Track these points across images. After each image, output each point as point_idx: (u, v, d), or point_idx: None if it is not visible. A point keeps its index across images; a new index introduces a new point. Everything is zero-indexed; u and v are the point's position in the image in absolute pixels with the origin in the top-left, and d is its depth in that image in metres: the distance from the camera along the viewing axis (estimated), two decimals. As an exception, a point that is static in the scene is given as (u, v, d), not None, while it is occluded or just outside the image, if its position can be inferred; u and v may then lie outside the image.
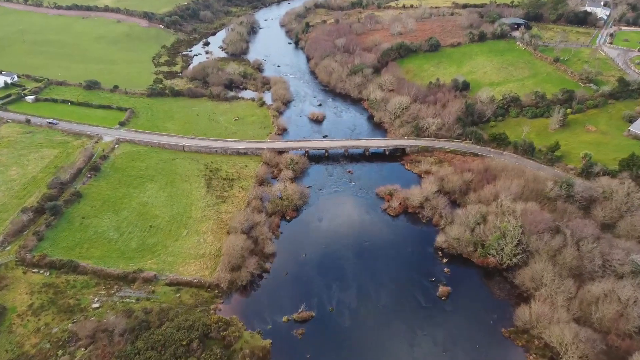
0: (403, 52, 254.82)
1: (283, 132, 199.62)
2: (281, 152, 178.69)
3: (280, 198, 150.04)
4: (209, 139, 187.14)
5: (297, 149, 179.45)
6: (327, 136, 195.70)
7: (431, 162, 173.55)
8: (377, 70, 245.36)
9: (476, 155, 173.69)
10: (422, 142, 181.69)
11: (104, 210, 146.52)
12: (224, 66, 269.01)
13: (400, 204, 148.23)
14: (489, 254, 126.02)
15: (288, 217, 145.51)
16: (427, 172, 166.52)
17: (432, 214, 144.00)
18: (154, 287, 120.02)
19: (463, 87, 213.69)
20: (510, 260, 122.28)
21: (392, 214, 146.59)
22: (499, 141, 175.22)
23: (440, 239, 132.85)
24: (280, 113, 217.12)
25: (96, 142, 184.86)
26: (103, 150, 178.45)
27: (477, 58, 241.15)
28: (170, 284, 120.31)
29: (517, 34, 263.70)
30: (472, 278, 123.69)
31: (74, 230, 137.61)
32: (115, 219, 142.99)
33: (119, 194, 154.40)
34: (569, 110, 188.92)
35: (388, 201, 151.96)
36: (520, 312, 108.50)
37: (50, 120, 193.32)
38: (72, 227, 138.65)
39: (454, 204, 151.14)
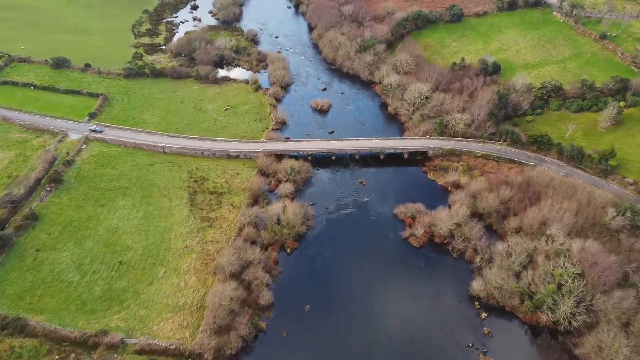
0: (420, 23, 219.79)
1: (282, 125, 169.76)
2: (280, 155, 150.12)
3: (279, 223, 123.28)
4: (194, 138, 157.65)
5: (298, 151, 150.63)
6: (333, 132, 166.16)
7: (459, 169, 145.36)
8: (390, 45, 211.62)
9: (512, 161, 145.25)
10: (447, 144, 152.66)
11: (65, 239, 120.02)
12: (213, 37, 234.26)
13: (425, 231, 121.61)
14: (540, 310, 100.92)
15: (288, 250, 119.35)
16: (455, 185, 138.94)
17: (464, 247, 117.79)
18: (121, 355, 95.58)
19: (493, 70, 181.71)
20: (569, 322, 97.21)
21: (415, 245, 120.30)
22: (541, 144, 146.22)
23: (476, 285, 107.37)
24: (279, 100, 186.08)
25: (60, 140, 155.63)
26: (68, 152, 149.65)
27: (508, 32, 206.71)
28: (141, 351, 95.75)
29: (553, 1, 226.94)
30: (520, 343, 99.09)
31: (25, 270, 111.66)
32: (78, 252, 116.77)
33: (84, 214, 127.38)
34: (622, 104, 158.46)
35: (409, 226, 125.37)
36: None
37: (93, 128, 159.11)
38: (23, 265, 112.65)
39: (490, 229, 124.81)
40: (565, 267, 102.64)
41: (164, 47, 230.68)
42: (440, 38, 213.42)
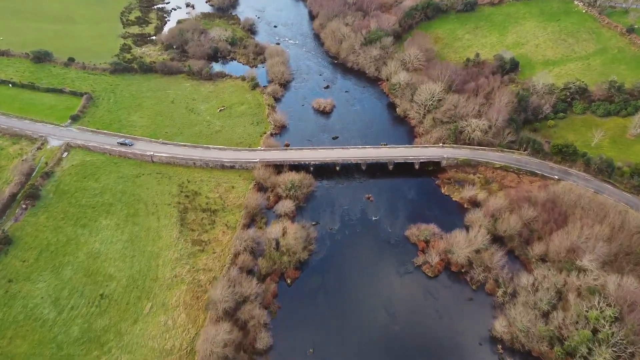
0: (430, 13, 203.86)
1: (281, 129, 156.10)
2: (279, 165, 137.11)
3: (277, 249, 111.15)
4: (185, 145, 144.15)
5: (299, 161, 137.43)
6: (337, 138, 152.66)
7: (475, 182, 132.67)
8: (398, 37, 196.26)
9: (534, 174, 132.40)
10: (462, 153, 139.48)
11: (40, 266, 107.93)
12: (207, 26, 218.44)
13: (440, 259, 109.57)
14: (572, 358, 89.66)
15: (288, 280, 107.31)
16: (472, 201, 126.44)
17: (484, 277, 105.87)
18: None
19: (511, 68, 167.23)
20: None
21: (429, 274, 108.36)
22: (566, 155, 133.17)
23: (499, 326, 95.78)
24: (277, 99, 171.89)
25: (39, 148, 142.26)
26: (47, 162, 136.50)
27: (525, 23, 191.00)
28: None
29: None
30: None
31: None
32: (54, 282, 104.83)
33: (63, 237, 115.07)
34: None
35: (422, 251, 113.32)
36: None
37: (122, 140, 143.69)
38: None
39: (512, 255, 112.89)
40: (601, 309, 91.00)
41: (154, 37, 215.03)
42: (452, 29, 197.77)
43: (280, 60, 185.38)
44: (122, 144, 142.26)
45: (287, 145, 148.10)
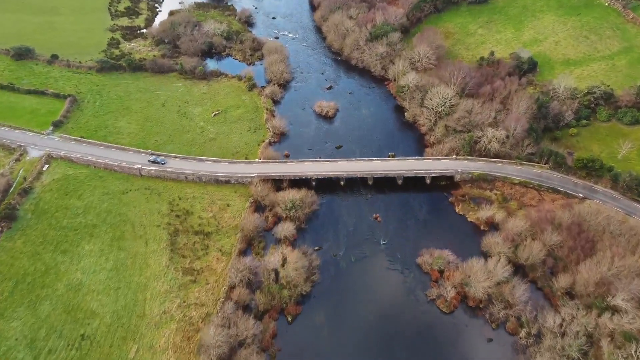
0: (440, 5, 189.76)
1: (280, 137, 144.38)
2: (278, 180, 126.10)
3: (277, 280, 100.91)
4: (176, 157, 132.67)
5: (300, 175, 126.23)
6: (341, 147, 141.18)
7: (492, 199, 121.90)
8: (405, 31, 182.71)
9: (557, 191, 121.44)
10: (477, 166, 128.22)
11: (16, 301, 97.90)
12: (201, 18, 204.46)
13: (456, 292, 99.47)
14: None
15: (289, 317, 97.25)
16: (489, 223, 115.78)
17: (505, 315, 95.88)
18: None
19: (529, 68, 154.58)
20: None
21: (444, 309, 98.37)
22: (591, 170, 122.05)
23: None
24: (276, 101, 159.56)
25: (17, 159, 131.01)
26: (25, 177, 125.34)
27: (543, 17, 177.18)
28: None
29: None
30: None
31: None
32: (31, 320, 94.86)
33: (41, 265, 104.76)
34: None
35: (436, 281, 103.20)
36: None
37: (153, 158, 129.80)
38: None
39: (534, 286, 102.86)
40: (638, 358, 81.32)
41: (144, 30, 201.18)
42: (464, 23, 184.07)
43: (279, 57, 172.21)
44: (153, 162, 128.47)
45: (287, 156, 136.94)
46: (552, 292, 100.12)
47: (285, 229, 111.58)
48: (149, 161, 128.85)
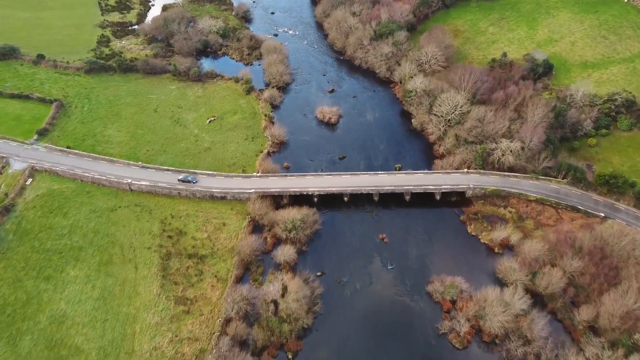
0: (449, 0, 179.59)
1: (279, 146, 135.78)
2: (278, 196, 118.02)
3: (276, 314, 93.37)
4: (168, 170, 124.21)
5: (301, 191, 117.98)
6: (344, 157, 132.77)
7: (507, 218, 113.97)
8: (412, 28, 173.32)
9: (576, 209, 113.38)
10: (490, 181, 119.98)
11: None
12: (196, 14, 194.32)
13: (470, 325, 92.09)
14: None
15: (290, 354, 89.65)
16: (504, 245, 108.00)
17: (523, 353, 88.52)
18: None
19: (544, 71, 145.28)
20: None
21: (457, 345, 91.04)
22: (614, 187, 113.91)
23: (545, 422, 79.39)
24: (275, 106, 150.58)
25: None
26: (7, 192, 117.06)
27: (559, 14, 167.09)
28: None
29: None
30: None
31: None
32: (11, 358, 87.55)
33: (23, 294, 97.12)
34: None
35: (448, 312, 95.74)
36: None
37: (183, 177, 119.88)
38: None
39: (553, 316, 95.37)
40: (673, 409, 74.32)
41: (136, 27, 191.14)
42: (474, 20, 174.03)
43: (278, 58, 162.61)
44: (184, 181, 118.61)
45: (287, 168, 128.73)
46: (574, 326, 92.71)
47: (285, 252, 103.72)
48: (179, 180, 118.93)
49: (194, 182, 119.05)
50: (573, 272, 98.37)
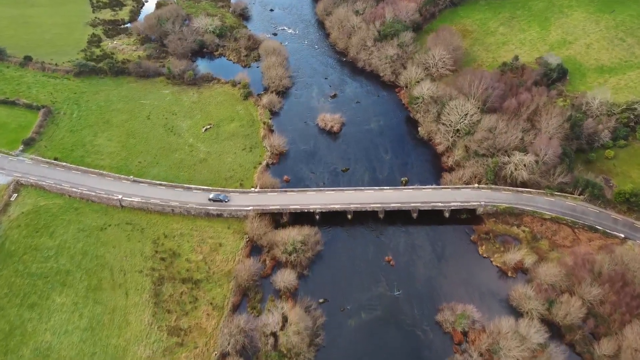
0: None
1: (279, 157, 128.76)
2: (277, 213, 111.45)
3: (275, 348, 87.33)
4: (161, 184, 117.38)
5: (302, 209, 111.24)
6: (347, 169, 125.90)
7: (520, 237, 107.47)
8: (418, 28, 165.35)
9: (594, 229, 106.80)
10: (502, 197, 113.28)
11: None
12: (192, 11, 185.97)
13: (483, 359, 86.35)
14: None
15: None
16: (518, 268, 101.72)
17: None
18: None
19: (558, 77, 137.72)
20: None
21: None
22: (634, 205, 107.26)
23: None
24: (275, 113, 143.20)
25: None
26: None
27: (573, 14, 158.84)
28: None
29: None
30: None
31: None
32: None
33: (5, 324, 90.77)
34: None
35: (459, 344, 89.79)
36: None
37: (214, 196, 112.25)
38: None
39: (572, 348, 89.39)
40: None
41: (129, 25, 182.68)
42: (483, 20, 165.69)
43: (278, 60, 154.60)
44: (215, 200, 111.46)
45: (287, 181, 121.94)
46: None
47: (285, 278, 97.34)
48: (210, 199, 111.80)
49: (226, 201, 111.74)
50: (592, 300, 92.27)
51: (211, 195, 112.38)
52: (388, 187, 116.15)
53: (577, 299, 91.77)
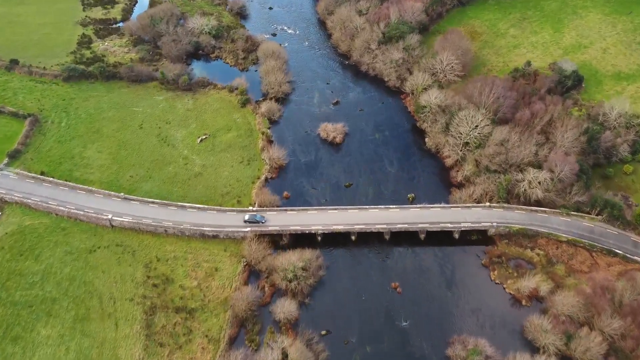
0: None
1: (278, 171, 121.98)
2: (277, 235, 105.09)
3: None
4: (154, 203, 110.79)
5: (303, 230, 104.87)
6: (351, 185, 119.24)
7: (535, 261, 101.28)
8: (424, 29, 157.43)
9: (614, 253, 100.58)
10: (515, 217, 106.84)
11: (-49, 414, 79.33)
12: (186, 9, 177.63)
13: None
14: None
15: None
16: (533, 296, 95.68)
17: None
18: None
19: (573, 84, 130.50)
20: None
21: None
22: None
23: None
24: (274, 121, 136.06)
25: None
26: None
27: (587, 15, 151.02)
28: None
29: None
30: None
31: None
32: None
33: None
34: None
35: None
36: None
37: (250, 217, 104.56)
38: None
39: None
40: None
41: (121, 24, 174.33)
42: (492, 21, 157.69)
43: (277, 64, 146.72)
44: (251, 222, 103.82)
45: (287, 197, 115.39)
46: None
47: (285, 308, 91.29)
48: (245, 221, 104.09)
49: (262, 222, 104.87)
50: (613, 334, 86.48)
51: (246, 217, 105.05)
52: (394, 206, 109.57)
53: (598, 333, 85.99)
